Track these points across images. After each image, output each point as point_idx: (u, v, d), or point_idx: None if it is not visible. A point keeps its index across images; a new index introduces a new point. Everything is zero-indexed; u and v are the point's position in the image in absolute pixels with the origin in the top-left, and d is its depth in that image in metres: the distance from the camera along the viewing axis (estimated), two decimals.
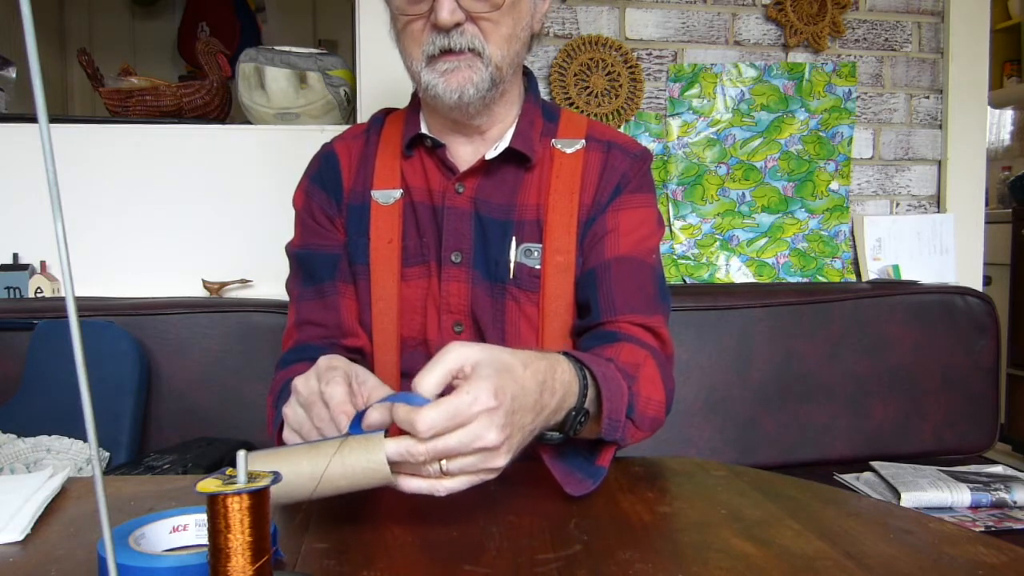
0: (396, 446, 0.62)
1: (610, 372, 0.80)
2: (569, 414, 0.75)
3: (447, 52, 0.91)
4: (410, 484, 0.64)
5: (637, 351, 0.89)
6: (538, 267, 0.96)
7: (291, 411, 0.73)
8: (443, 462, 0.63)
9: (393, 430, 0.64)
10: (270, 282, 1.71)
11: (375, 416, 0.64)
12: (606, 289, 0.94)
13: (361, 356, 0.99)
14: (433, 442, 0.61)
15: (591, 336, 0.93)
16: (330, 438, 0.66)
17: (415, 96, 1.04)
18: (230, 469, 0.49)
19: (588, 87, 1.84)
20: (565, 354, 0.77)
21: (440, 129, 1.00)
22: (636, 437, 0.85)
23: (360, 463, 0.61)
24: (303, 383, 0.72)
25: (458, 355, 0.65)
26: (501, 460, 0.65)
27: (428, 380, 0.64)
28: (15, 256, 1.67)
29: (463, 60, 0.91)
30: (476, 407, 0.62)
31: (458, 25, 0.90)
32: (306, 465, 0.61)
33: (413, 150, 1.01)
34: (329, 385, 0.69)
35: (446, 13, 0.88)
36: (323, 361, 0.74)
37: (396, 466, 0.63)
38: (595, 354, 0.87)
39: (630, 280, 0.95)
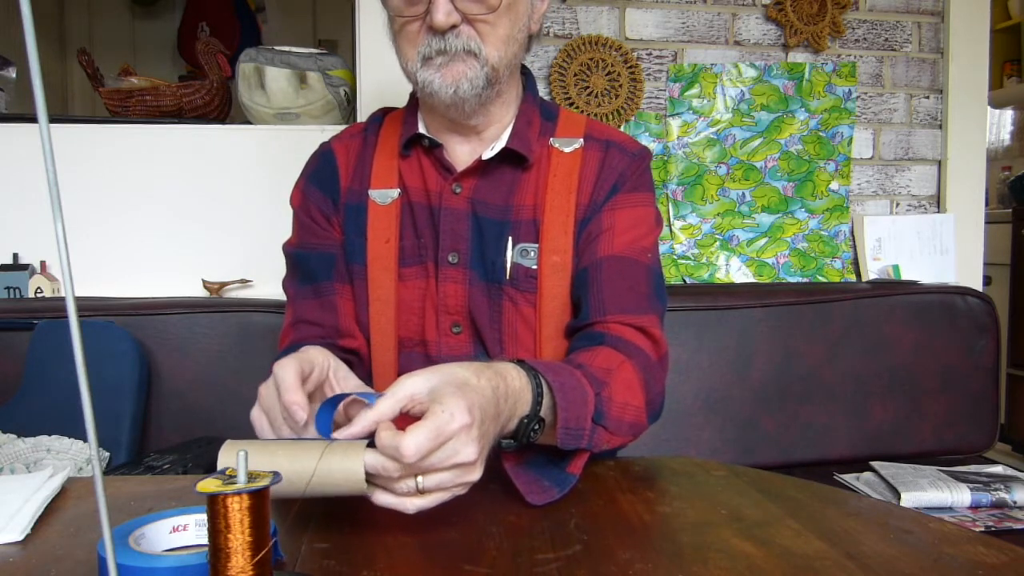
0: (375, 458, 0.62)
1: (572, 381, 0.79)
2: (521, 422, 0.74)
3: (442, 54, 0.91)
4: (381, 498, 0.64)
5: (613, 356, 0.87)
6: (534, 267, 0.96)
7: (255, 414, 0.72)
8: (419, 479, 0.63)
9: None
10: (270, 282, 1.71)
11: (356, 428, 0.64)
12: (596, 289, 0.93)
13: (357, 357, 0.99)
14: None
15: (580, 337, 0.93)
16: (314, 439, 0.66)
17: (413, 96, 1.04)
18: (230, 469, 0.49)
19: (588, 87, 1.84)
20: (520, 362, 0.77)
21: (437, 129, 1.00)
22: (613, 443, 0.84)
23: (337, 469, 0.61)
24: (264, 390, 0.72)
25: (409, 385, 0.66)
26: (476, 474, 0.65)
27: (380, 410, 0.64)
28: (15, 256, 1.67)
29: (457, 55, 0.91)
30: (454, 424, 0.62)
31: (454, 27, 0.89)
32: (284, 462, 0.61)
33: (410, 150, 1.01)
34: (281, 369, 0.69)
35: (442, 15, 0.88)
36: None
37: (371, 478, 0.63)
38: (568, 360, 0.86)
39: (622, 280, 0.94)
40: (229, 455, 0.61)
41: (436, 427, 0.61)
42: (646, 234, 0.98)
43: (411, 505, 0.64)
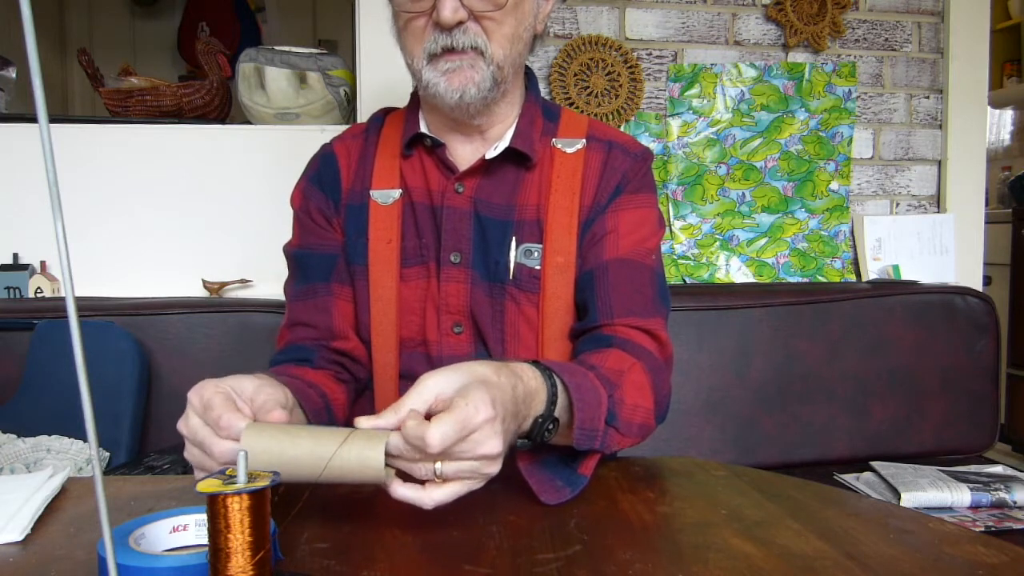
0: (397, 438, 0.62)
1: (586, 382, 0.79)
2: (536, 421, 0.74)
3: (449, 51, 0.90)
4: (400, 491, 0.64)
5: (624, 358, 0.87)
6: (538, 268, 0.96)
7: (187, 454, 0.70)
8: (438, 465, 0.63)
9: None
10: (270, 282, 1.71)
11: (383, 421, 0.64)
12: (604, 291, 0.93)
13: (350, 359, 0.99)
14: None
15: (587, 339, 0.93)
16: (337, 427, 0.66)
17: (414, 95, 1.03)
18: (230, 469, 0.49)
19: (588, 87, 1.84)
20: (534, 362, 0.77)
21: (440, 128, 1.00)
22: (623, 444, 0.84)
23: (357, 456, 0.61)
24: (183, 425, 0.70)
25: (433, 383, 0.66)
26: (495, 468, 0.66)
27: (405, 411, 0.64)
28: (15, 256, 1.68)
29: (465, 60, 0.90)
30: (479, 417, 0.62)
31: (460, 23, 0.89)
32: (307, 444, 0.61)
33: (412, 149, 1.01)
34: (226, 417, 0.65)
35: (448, 11, 0.87)
36: (195, 398, 0.70)
37: (391, 460, 0.63)
38: (579, 361, 0.86)
39: (628, 282, 0.94)
40: (251, 437, 0.61)
41: (462, 419, 0.61)
42: (650, 236, 0.98)
43: (429, 499, 0.64)
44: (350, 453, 0.61)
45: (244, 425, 0.64)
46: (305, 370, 0.92)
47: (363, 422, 0.65)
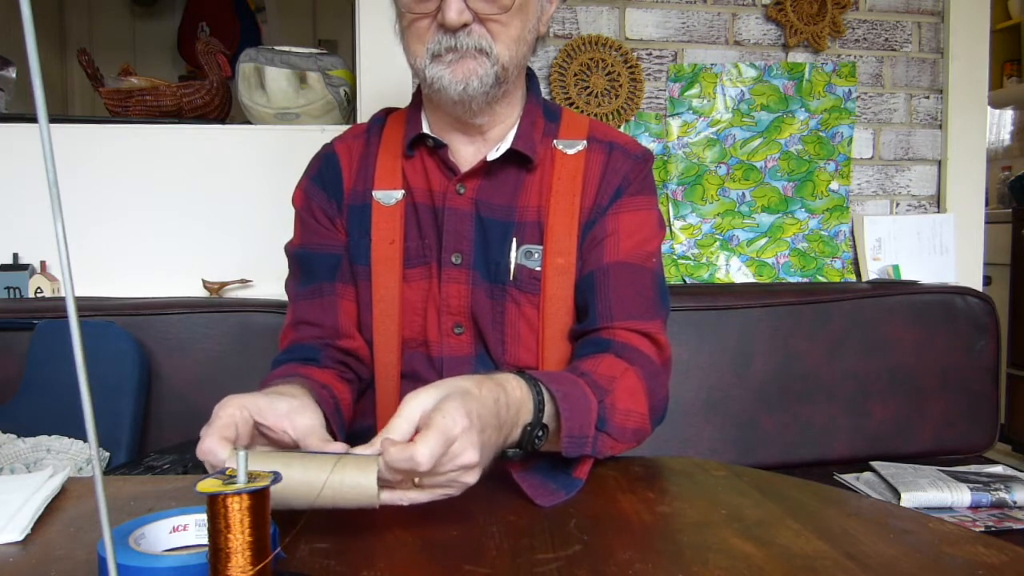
0: (381, 464, 0.63)
1: (575, 390, 0.80)
2: (525, 430, 0.75)
3: (452, 51, 0.90)
4: (381, 496, 0.65)
5: (617, 363, 0.88)
6: (538, 269, 0.96)
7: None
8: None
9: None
10: (270, 282, 1.71)
11: (371, 450, 0.65)
12: (603, 294, 0.93)
13: (355, 359, 0.99)
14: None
15: (585, 343, 0.93)
16: (326, 453, 0.66)
17: (416, 95, 1.04)
18: (230, 469, 0.49)
19: (588, 87, 1.84)
20: (520, 372, 0.78)
21: (442, 128, 1.00)
22: (617, 449, 0.85)
23: (350, 483, 0.61)
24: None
25: (415, 403, 0.67)
26: (473, 477, 0.66)
27: (394, 432, 0.65)
28: (15, 256, 1.67)
29: (468, 53, 0.90)
30: (457, 428, 0.64)
31: (465, 26, 0.89)
32: (298, 473, 0.61)
33: (414, 150, 1.01)
34: (207, 443, 0.66)
35: (454, 14, 0.87)
36: (214, 410, 0.70)
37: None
38: (571, 368, 0.87)
39: (628, 286, 0.94)
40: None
41: (443, 432, 0.63)
42: (650, 238, 0.98)
43: (406, 498, 0.65)
44: (343, 481, 0.61)
45: (224, 455, 0.64)
46: (312, 369, 0.92)
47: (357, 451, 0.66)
